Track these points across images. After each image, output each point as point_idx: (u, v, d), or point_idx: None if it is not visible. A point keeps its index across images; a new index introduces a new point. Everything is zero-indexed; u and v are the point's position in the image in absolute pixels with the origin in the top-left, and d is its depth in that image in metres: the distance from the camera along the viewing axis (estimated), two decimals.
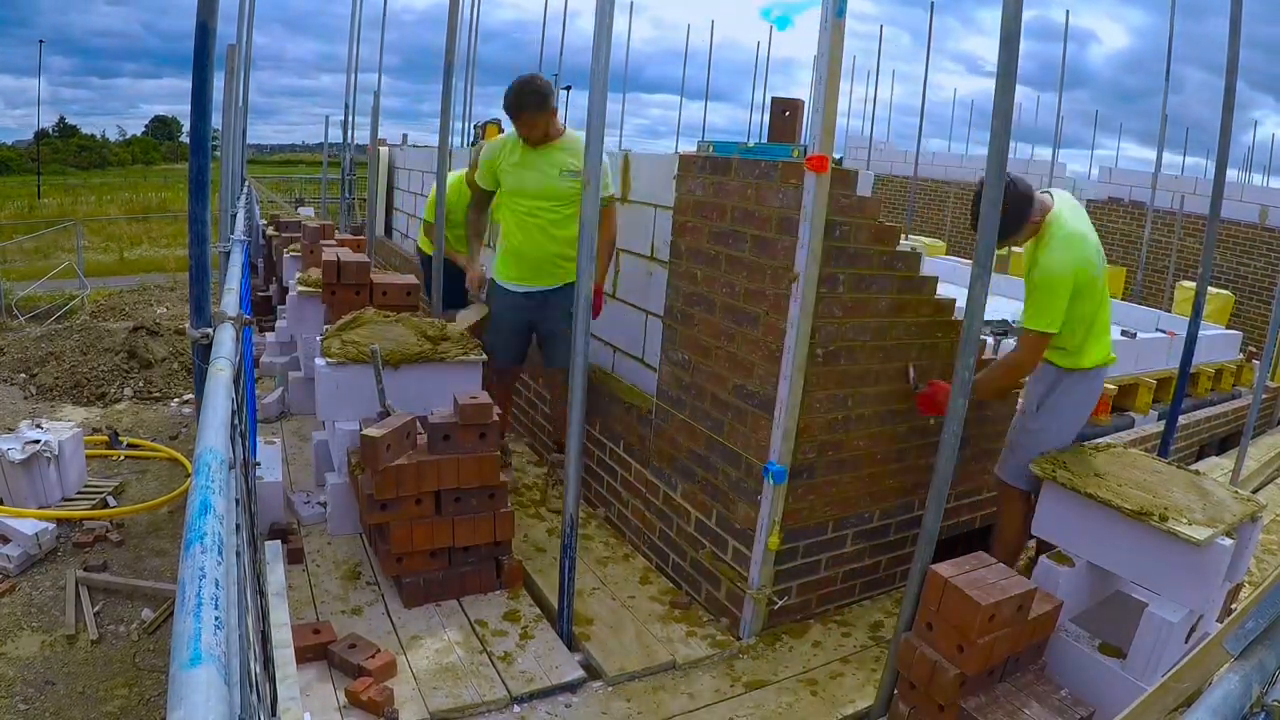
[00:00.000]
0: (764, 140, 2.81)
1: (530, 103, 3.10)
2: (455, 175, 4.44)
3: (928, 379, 2.74)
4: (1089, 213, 2.64)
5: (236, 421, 1.73)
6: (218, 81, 2.09)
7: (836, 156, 2.31)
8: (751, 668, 2.53)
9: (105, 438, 5.78)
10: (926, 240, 10.10)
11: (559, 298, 3.30)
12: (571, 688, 2.37)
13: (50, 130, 50.62)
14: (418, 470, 2.61)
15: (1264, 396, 4.59)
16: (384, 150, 8.69)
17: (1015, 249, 10.72)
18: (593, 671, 2.47)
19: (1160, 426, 4.42)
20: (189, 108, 1.72)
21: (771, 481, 2.48)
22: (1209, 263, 3.89)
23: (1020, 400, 2.94)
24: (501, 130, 8.45)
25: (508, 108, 3.09)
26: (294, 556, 2.90)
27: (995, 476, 2.93)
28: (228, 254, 3.94)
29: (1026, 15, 1.84)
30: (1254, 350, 6.44)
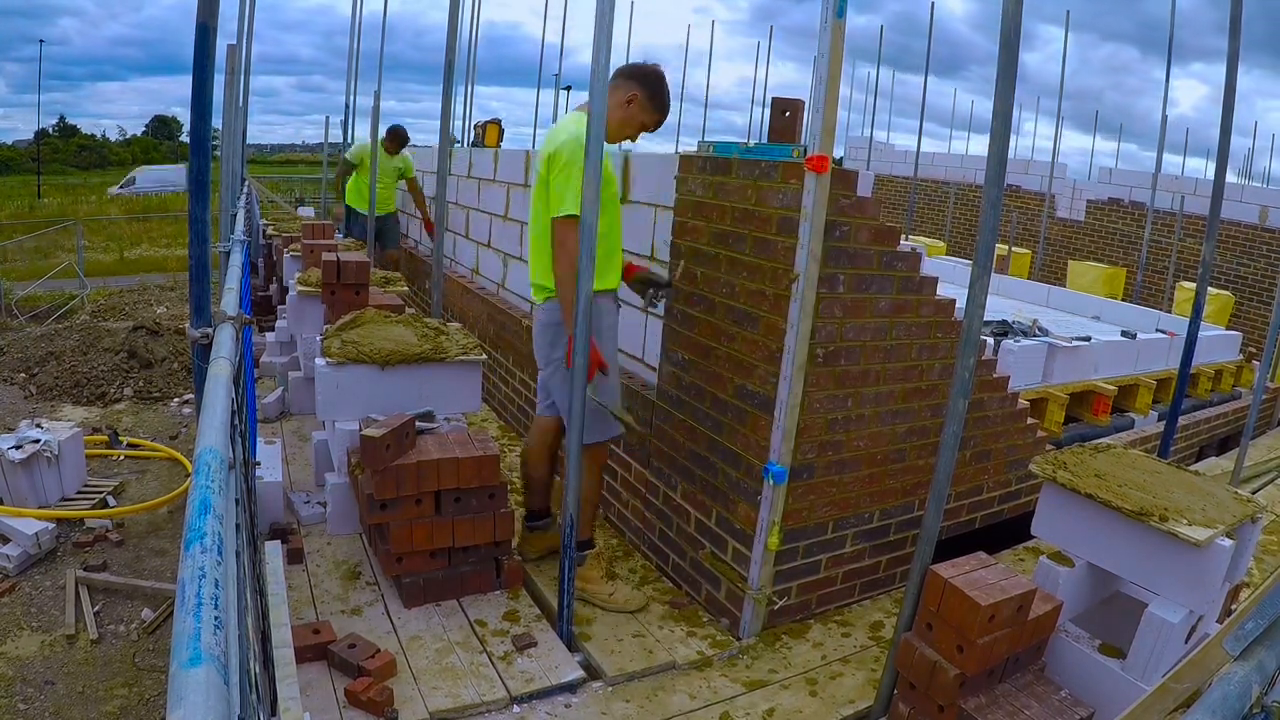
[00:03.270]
0: (764, 140, 2.81)
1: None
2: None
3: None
4: (1089, 213, 2.62)
5: (236, 421, 1.73)
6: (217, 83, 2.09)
7: (836, 157, 2.31)
8: (751, 668, 2.54)
9: (105, 438, 5.78)
10: (926, 240, 10.10)
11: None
12: (571, 688, 2.37)
13: (50, 130, 50.66)
14: (418, 470, 2.61)
15: (1264, 397, 4.59)
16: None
17: (1017, 249, 10.52)
18: (593, 672, 2.47)
19: (1160, 427, 4.42)
20: (162, 107, 1.72)
21: (771, 481, 2.48)
22: (1209, 263, 3.89)
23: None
24: (502, 131, 8.47)
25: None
26: (294, 556, 2.90)
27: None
28: (228, 254, 3.94)
29: None
30: (1254, 351, 6.44)
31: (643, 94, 2.70)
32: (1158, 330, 5.60)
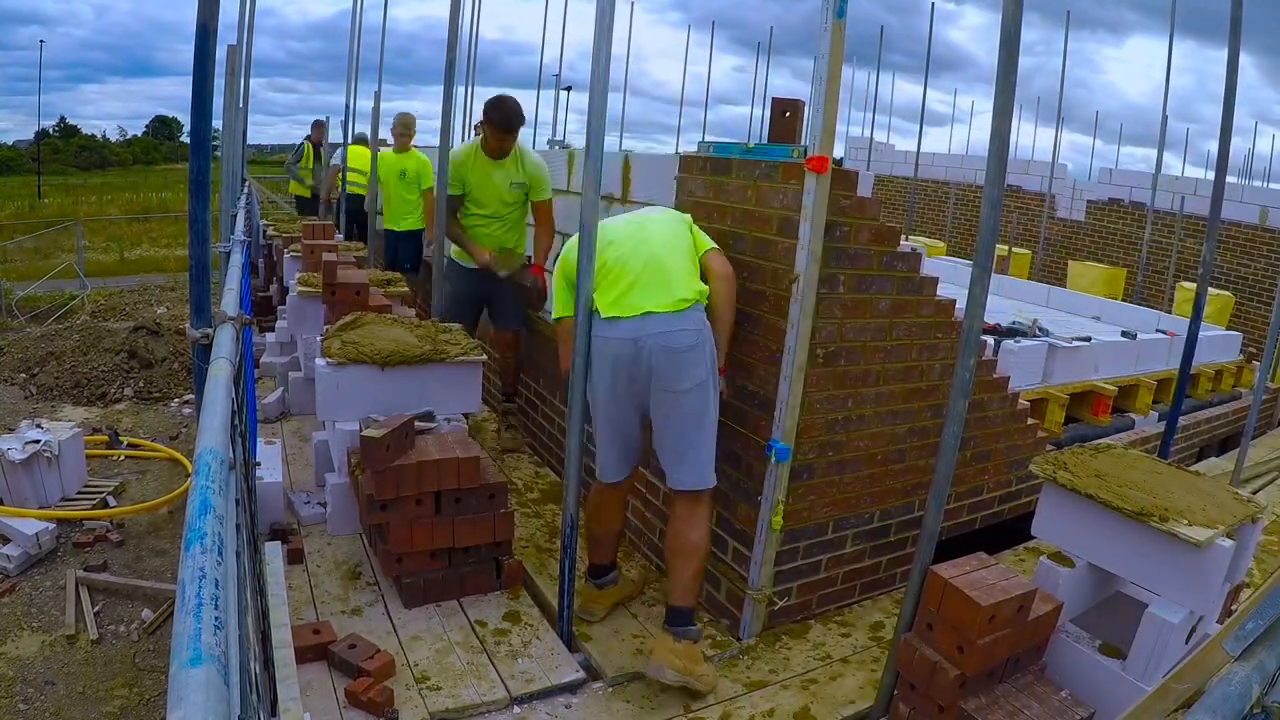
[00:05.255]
0: (764, 140, 2.81)
1: (517, 124, 3.83)
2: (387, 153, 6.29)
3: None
4: (1089, 213, 2.62)
5: (236, 421, 1.73)
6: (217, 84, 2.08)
7: (837, 157, 2.31)
8: (752, 668, 2.53)
9: (105, 438, 5.78)
10: (926, 241, 10.10)
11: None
12: (571, 688, 2.37)
13: (51, 130, 50.74)
14: (418, 470, 2.61)
15: (1264, 397, 4.59)
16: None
17: (1017, 249, 10.46)
18: (593, 672, 2.47)
19: (1160, 427, 4.42)
20: (143, 106, 1.71)
21: (775, 459, 2.46)
22: (1209, 263, 3.88)
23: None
24: None
25: (501, 121, 3.74)
26: (294, 556, 2.90)
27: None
28: (228, 254, 3.94)
29: None
30: (1254, 351, 6.43)
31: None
32: (1158, 330, 5.60)
